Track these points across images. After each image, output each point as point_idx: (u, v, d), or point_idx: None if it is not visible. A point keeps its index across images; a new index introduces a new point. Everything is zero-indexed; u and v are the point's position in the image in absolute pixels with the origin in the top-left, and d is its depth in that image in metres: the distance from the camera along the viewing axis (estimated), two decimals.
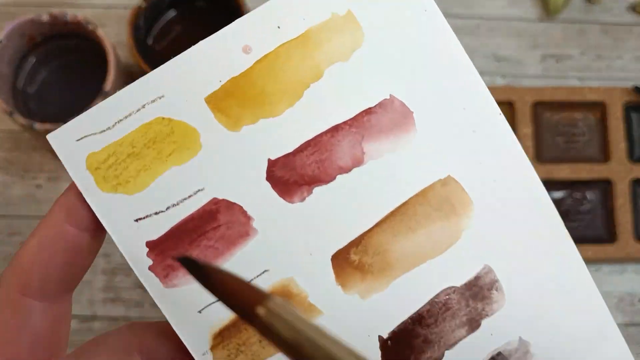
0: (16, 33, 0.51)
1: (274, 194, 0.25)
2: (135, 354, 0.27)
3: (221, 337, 0.25)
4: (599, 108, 0.53)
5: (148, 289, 0.25)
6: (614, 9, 0.57)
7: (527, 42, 0.57)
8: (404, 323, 0.26)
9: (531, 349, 0.28)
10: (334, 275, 0.26)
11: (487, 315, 0.27)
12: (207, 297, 0.25)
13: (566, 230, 0.27)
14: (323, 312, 0.26)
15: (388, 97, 0.26)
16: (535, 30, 0.57)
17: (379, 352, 0.26)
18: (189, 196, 0.25)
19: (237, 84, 0.25)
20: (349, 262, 0.26)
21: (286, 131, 0.25)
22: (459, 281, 0.27)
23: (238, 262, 0.25)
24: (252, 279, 0.25)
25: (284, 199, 0.25)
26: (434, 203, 0.26)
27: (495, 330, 0.27)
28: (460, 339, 0.27)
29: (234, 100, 0.25)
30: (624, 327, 0.52)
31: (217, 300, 0.25)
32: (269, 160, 0.25)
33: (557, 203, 0.51)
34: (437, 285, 0.27)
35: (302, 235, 0.25)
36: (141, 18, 0.53)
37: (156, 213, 0.25)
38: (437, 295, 0.27)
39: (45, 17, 0.51)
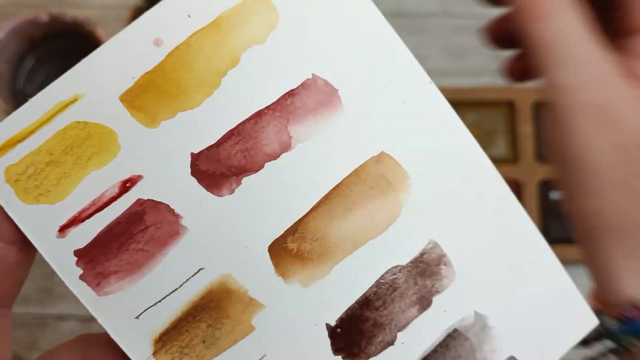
0: (15, 33, 0.51)
1: (201, 188, 0.24)
2: None
3: (162, 342, 0.25)
4: None
5: (81, 299, 0.24)
6: None
7: None
8: (351, 308, 0.26)
9: (489, 322, 0.27)
10: (273, 267, 0.25)
11: (438, 291, 0.26)
12: (144, 302, 0.24)
13: (512, 194, 0.26)
14: (265, 306, 0.25)
15: (310, 77, 0.25)
16: None
17: (328, 341, 0.26)
18: (114, 199, 0.24)
19: (150, 79, 0.24)
20: (287, 251, 0.25)
21: (207, 122, 0.24)
22: (404, 259, 0.26)
23: (171, 263, 0.24)
24: (187, 279, 0.25)
25: (212, 192, 0.24)
26: (369, 181, 0.25)
27: (448, 306, 0.26)
28: (412, 319, 0.26)
29: (149, 96, 0.24)
30: None
31: (153, 305, 0.24)
32: (192, 154, 0.24)
33: (558, 203, 0.51)
34: (382, 265, 0.26)
35: (235, 229, 0.25)
36: None
37: (81, 220, 0.24)
38: (383, 276, 0.26)
39: (44, 17, 0.51)
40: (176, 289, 0.25)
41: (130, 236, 0.24)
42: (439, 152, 0.26)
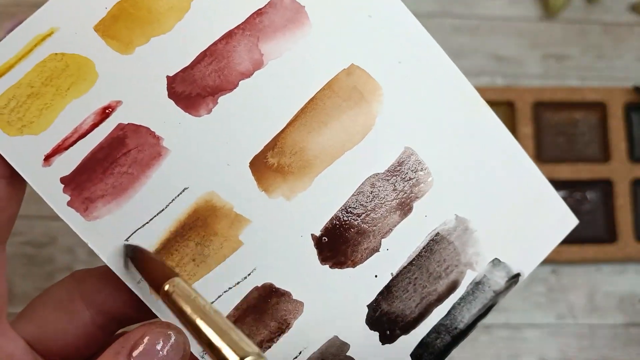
0: None
1: (179, 110, 0.25)
2: (77, 300, 0.26)
3: None
4: (599, 108, 0.54)
5: (71, 225, 0.25)
6: (614, 9, 0.57)
7: (527, 42, 0.57)
8: (334, 217, 0.26)
9: (470, 225, 0.27)
10: (255, 182, 0.26)
11: (417, 197, 0.27)
12: (132, 224, 0.25)
13: (482, 99, 0.27)
14: (251, 221, 0.26)
15: None
16: (535, 30, 0.57)
17: (315, 251, 0.26)
18: (95, 125, 0.25)
19: (122, 7, 0.25)
20: (268, 166, 0.26)
21: (180, 45, 0.25)
22: (382, 167, 0.27)
23: (156, 184, 0.25)
24: (173, 199, 0.25)
25: (190, 113, 0.25)
26: (342, 94, 0.26)
27: (428, 211, 0.27)
28: (395, 225, 0.27)
29: (122, 24, 0.25)
30: (624, 327, 0.52)
31: (142, 227, 0.25)
32: (168, 77, 0.25)
33: None
34: (360, 174, 0.26)
35: (215, 147, 0.25)
36: None
37: (65, 148, 0.25)
38: (362, 185, 0.26)
39: None
40: (162, 210, 0.25)
41: (114, 160, 0.25)
42: (408, 62, 0.27)
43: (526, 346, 0.50)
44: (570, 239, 0.50)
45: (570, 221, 0.29)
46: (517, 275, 0.28)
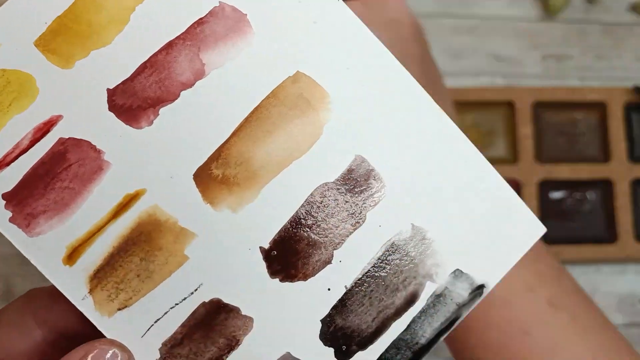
0: None
1: (120, 122, 0.25)
2: (29, 319, 0.26)
3: (97, 279, 0.25)
4: (599, 108, 0.54)
5: (13, 241, 0.24)
6: (614, 9, 0.57)
7: (527, 42, 0.57)
8: (283, 229, 0.26)
9: (428, 234, 0.26)
10: (200, 194, 0.25)
11: (371, 206, 0.26)
12: (75, 237, 0.24)
13: (436, 105, 0.26)
14: (197, 234, 0.25)
15: (218, 4, 0.25)
16: (535, 30, 0.57)
17: (264, 265, 0.25)
18: (36, 140, 0.25)
19: (62, 22, 0.25)
20: (212, 177, 0.25)
21: (120, 58, 0.25)
22: (332, 176, 0.26)
23: (96, 199, 0.25)
24: (117, 210, 0.25)
25: (131, 125, 0.25)
26: (288, 102, 0.25)
27: (383, 221, 0.26)
28: (347, 236, 0.26)
29: (62, 38, 0.25)
30: (624, 327, 0.52)
31: (85, 241, 0.24)
32: (108, 90, 0.25)
33: (558, 203, 0.52)
34: (310, 184, 0.26)
35: (158, 160, 0.25)
36: None
37: (7, 164, 0.24)
38: (312, 195, 0.26)
39: None
40: (105, 225, 0.25)
41: (55, 175, 0.25)
42: (356, 68, 0.26)
43: None
44: (570, 239, 0.51)
45: (537, 229, 0.27)
46: (482, 287, 0.27)
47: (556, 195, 0.53)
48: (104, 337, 0.25)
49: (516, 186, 0.52)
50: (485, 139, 0.55)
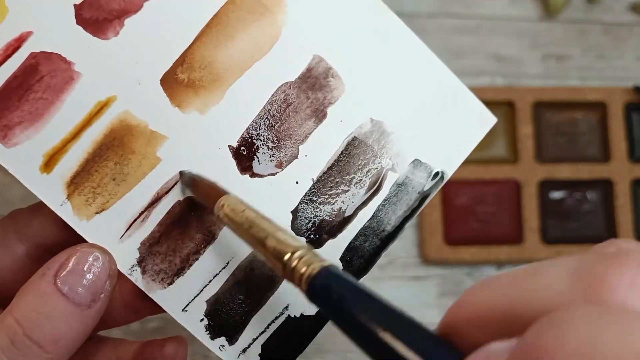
0: None
1: (87, 35, 0.26)
2: (11, 236, 0.27)
3: (74, 185, 0.26)
4: (599, 108, 0.54)
5: None
6: (614, 9, 0.58)
7: (527, 42, 0.57)
8: (249, 128, 0.27)
9: (386, 127, 0.28)
10: (168, 99, 0.26)
11: (331, 103, 0.28)
12: (50, 145, 0.25)
13: (384, 4, 0.28)
14: (168, 137, 0.26)
15: None
16: (535, 30, 0.57)
17: (234, 162, 0.27)
18: (8, 56, 0.26)
19: None
20: (179, 81, 0.27)
21: None
22: (293, 76, 0.27)
23: (70, 107, 0.26)
24: (90, 118, 0.26)
25: (98, 37, 0.26)
26: (245, 7, 0.27)
27: (343, 116, 0.28)
28: (311, 132, 0.27)
29: None
30: None
31: (61, 149, 0.25)
32: (75, 5, 0.26)
33: (558, 203, 0.52)
34: (272, 84, 0.27)
35: (125, 68, 0.26)
36: None
37: None
38: (274, 94, 0.27)
39: None
40: (79, 132, 0.26)
41: (28, 87, 0.26)
42: None
43: None
44: (571, 239, 0.52)
45: (489, 119, 0.29)
46: (440, 174, 0.28)
47: (556, 195, 0.53)
48: (85, 242, 0.26)
49: (516, 186, 0.52)
50: (485, 139, 0.54)
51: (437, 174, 0.28)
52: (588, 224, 0.52)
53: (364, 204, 0.28)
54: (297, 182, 0.27)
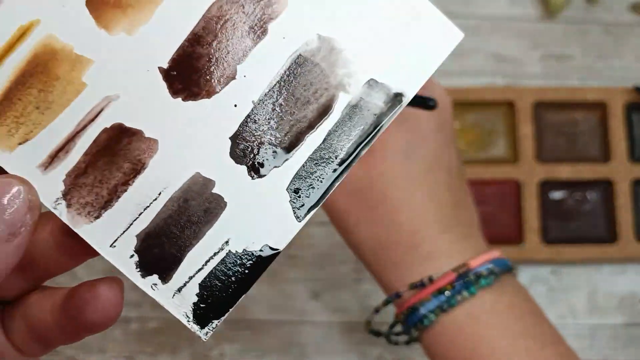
0: None
1: None
2: None
3: None
4: (599, 108, 0.54)
5: None
6: (614, 9, 0.58)
7: (527, 42, 0.58)
8: (180, 47, 0.25)
9: (336, 44, 0.25)
10: (94, 20, 0.25)
11: (272, 18, 0.25)
12: None
13: None
14: (94, 61, 0.24)
15: None
16: (535, 30, 0.58)
17: (164, 85, 0.25)
18: None
19: None
20: (105, 2, 0.25)
21: None
22: None
23: None
24: (12, 44, 0.24)
25: None
26: None
27: (286, 33, 0.25)
28: (250, 50, 0.25)
29: None
30: (624, 327, 0.52)
31: None
32: None
33: (558, 203, 0.52)
34: None
35: None
36: None
37: None
38: (209, 10, 0.25)
39: None
40: (0, 59, 0.24)
41: None
42: None
43: None
44: (571, 239, 0.52)
45: (454, 35, 0.26)
46: (399, 95, 0.25)
47: (556, 195, 0.53)
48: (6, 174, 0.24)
49: (516, 186, 0.52)
50: (485, 139, 0.54)
51: (396, 95, 0.25)
52: (588, 224, 0.52)
53: (311, 127, 0.25)
54: (235, 105, 0.25)
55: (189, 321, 0.24)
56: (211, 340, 0.49)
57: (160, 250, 0.24)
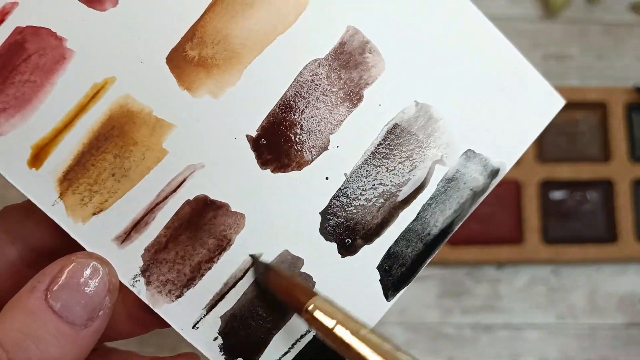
0: None
1: (81, 5, 0.22)
2: (2, 237, 0.24)
3: (68, 181, 0.22)
4: (600, 108, 0.54)
5: None
6: (614, 9, 0.57)
7: (527, 42, 0.56)
8: (271, 114, 0.23)
9: (434, 112, 0.23)
10: (175, 80, 0.22)
11: (368, 83, 0.23)
12: (39, 136, 0.22)
13: None
14: (175, 125, 0.22)
15: None
16: (535, 30, 0.57)
17: (253, 155, 0.23)
18: None
19: None
20: (188, 60, 0.22)
21: None
22: (323, 52, 0.23)
23: (62, 91, 0.22)
24: (85, 103, 0.22)
25: (94, 8, 0.22)
26: None
27: (382, 99, 0.23)
28: (344, 118, 0.23)
29: None
30: (624, 327, 0.52)
31: (52, 140, 0.22)
32: None
33: (558, 203, 0.53)
34: (298, 61, 0.23)
35: (126, 44, 0.22)
36: None
37: None
38: (301, 74, 0.23)
39: None
40: (72, 120, 0.22)
41: (14, 68, 0.22)
42: None
43: (527, 346, 0.50)
44: (571, 239, 0.52)
45: (556, 102, 0.24)
46: (497, 170, 0.24)
47: (557, 195, 0.53)
48: (81, 251, 0.22)
49: (516, 186, 0.52)
50: None
51: (495, 169, 0.24)
52: (588, 224, 0.53)
53: (406, 202, 0.23)
54: (327, 178, 0.23)
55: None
56: None
57: (245, 332, 0.23)
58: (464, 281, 0.51)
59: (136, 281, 0.22)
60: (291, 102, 0.23)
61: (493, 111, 0.24)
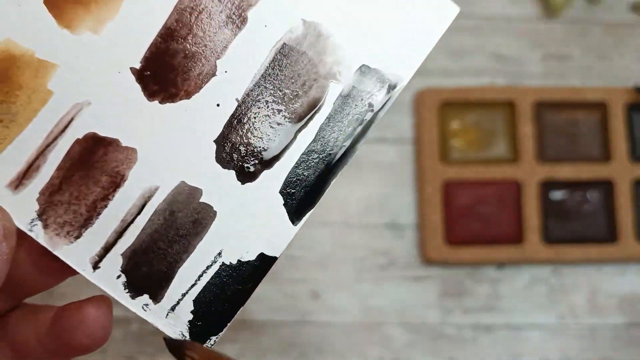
0: None
1: None
2: None
3: None
4: (600, 108, 0.54)
5: None
6: (615, 9, 0.57)
7: (528, 42, 0.57)
8: (153, 44, 0.22)
9: (323, 29, 0.23)
10: (54, 20, 0.22)
11: (251, 4, 0.23)
12: None
13: None
14: (59, 65, 0.22)
15: None
16: (536, 30, 0.57)
17: (139, 87, 0.22)
18: None
19: None
20: None
21: None
22: None
23: None
24: None
25: None
26: None
27: (268, 19, 0.23)
28: (229, 43, 0.23)
29: None
30: (625, 327, 0.52)
31: None
32: None
33: (559, 203, 0.53)
34: None
35: None
36: None
37: None
38: (181, 0, 0.23)
39: None
40: None
41: None
42: None
43: (527, 347, 0.50)
44: (571, 239, 0.52)
45: (450, 10, 0.24)
46: (395, 84, 0.23)
47: (557, 195, 0.53)
48: None
49: (517, 186, 0.52)
50: (485, 139, 0.54)
51: (390, 82, 0.23)
52: (589, 224, 0.53)
53: (304, 123, 0.23)
54: (218, 105, 0.23)
55: (185, 340, 0.23)
56: None
57: (148, 268, 0.22)
58: (465, 281, 0.51)
59: (34, 225, 0.22)
60: (173, 30, 0.22)
61: (385, 24, 0.23)
